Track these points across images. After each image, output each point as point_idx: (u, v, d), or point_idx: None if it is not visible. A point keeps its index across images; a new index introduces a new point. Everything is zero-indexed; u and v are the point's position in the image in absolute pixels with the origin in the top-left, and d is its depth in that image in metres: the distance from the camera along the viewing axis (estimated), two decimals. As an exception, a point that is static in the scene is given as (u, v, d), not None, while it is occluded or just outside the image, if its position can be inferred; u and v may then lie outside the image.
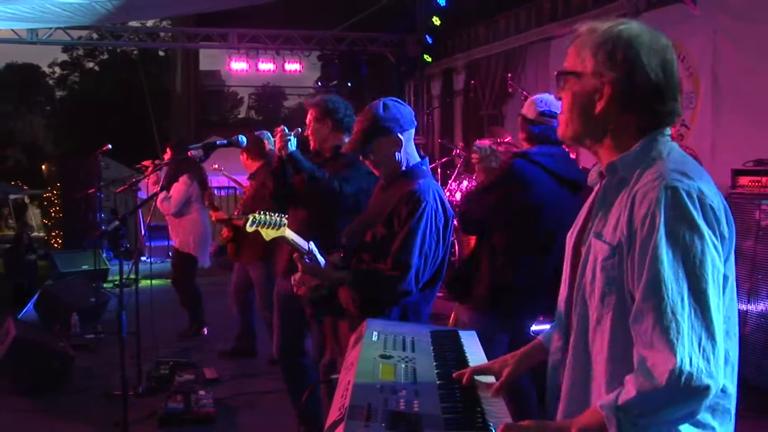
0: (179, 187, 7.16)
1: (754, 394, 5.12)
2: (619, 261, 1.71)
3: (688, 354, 1.53)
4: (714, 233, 1.62)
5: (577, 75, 1.81)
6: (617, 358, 1.71)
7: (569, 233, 1.98)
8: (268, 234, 3.00)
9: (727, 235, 1.67)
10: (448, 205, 3.16)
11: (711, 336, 1.56)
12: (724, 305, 1.69)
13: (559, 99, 1.90)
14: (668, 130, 1.81)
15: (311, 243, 3.12)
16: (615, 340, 1.72)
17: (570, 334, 1.89)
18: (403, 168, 3.19)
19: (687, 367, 1.52)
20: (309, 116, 4.35)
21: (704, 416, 1.69)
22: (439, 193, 3.14)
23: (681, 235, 1.59)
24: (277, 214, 3.02)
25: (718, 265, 1.62)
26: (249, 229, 2.99)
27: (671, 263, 1.58)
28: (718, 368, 1.55)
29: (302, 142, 4.32)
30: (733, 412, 1.75)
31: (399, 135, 3.15)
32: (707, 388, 1.53)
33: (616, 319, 1.72)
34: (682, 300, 1.57)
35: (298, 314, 4.29)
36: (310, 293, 3.25)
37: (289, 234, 3.05)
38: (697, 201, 1.62)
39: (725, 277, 1.68)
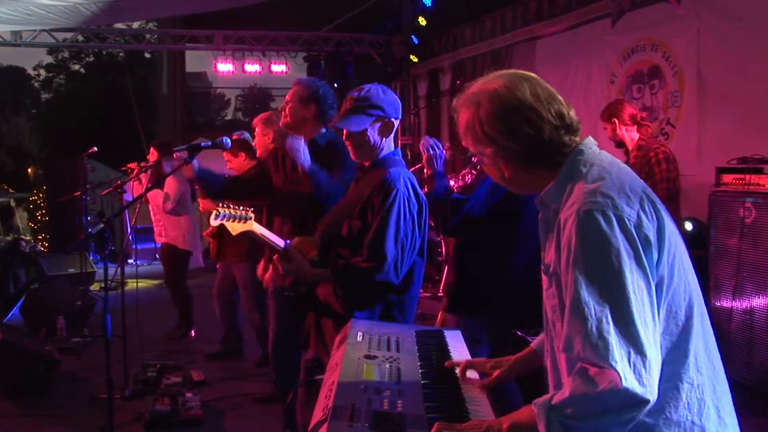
0: (174, 184, 7.14)
1: (741, 392, 5.15)
2: (557, 289, 1.75)
3: (621, 370, 1.55)
4: (632, 245, 1.64)
5: (477, 154, 1.92)
6: None
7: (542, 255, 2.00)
8: (234, 228, 2.96)
9: (653, 238, 1.69)
10: (420, 192, 3.13)
11: (639, 350, 1.58)
12: (666, 303, 1.71)
13: None
14: (587, 144, 1.85)
15: (288, 242, 3.09)
16: None
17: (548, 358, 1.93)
18: (380, 156, 3.16)
19: (623, 383, 1.54)
20: (292, 92, 4.12)
21: (681, 414, 1.71)
22: (410, 179, 3.10)
23: (596, 256, 1.63)
24: (241, 208, 2.97)
25: (638, 278, 1.63)
26: (213, 222, 2.96)
27: (591, 285, 1.62)
28: (650, 380, 1.58)
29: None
30: (708, 399, 1.75)
31: (394, 120, 3.14)
32: (643, 402, 1.56)
33: None
34: (606, 319, 1.59)
35: (295, 308, 4.24)
36: (290, 290, 3.22)
37: (258, 228, 3.01)
38: (612, 216, 1.65)
39: (661, 279, 1.69)
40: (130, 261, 11.41)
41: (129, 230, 8.27)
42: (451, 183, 7.24)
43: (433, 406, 1.90)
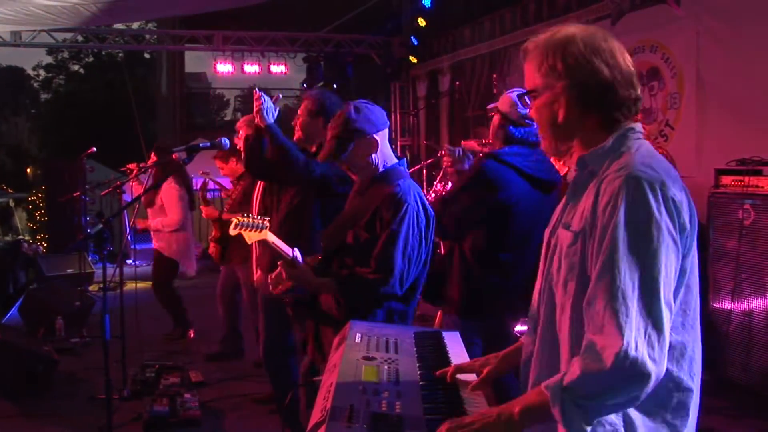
0: (172, 195, 7.12)
1: (739, 392, 5.16)
2: (581, 247, 1.75)
3: (634, 339, 1.57)
4: (673, 225, 1.66)
5: (534, 92, 1.89)
6: (577, 344, 1.73)
7: (546, 230, 2.00)
8: (250, 237, 3.03)
9: (688, 228, 1.71)
10: (428, 206, 3.17)
11: (657, 324, 1.60)
12: (680, 298, 1.73)
13: (531, 118, 1.96)
14: (639, 127, 1.85)
15: (296, 250, 3.12)
16: (574, 326, 1.75)
17: (538, 325, 1.93)
18: (381, 170, 3.17)
19: (632, 352, 1.56)
20: (302, 107, 4.27)
21: (658, 410, 1.73)
22: (419, 193, 3.14)
23: (639, 223, 1.64)
24: (259, 217, 3.04)
25: (672, 257, 1.66)
26: (233, 231, 3.02)
27: (627, 249, 1.63)
28: (662, 356, 1.60)
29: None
30: (691, 407, 1.78)
31: (374, 136, 3.13)
32: (650, 374, 1.57)
33: (575, 304, 1.75)
34: (633, 285, 1.61)
35: (283, 313, 4.28)
36: (289, 296, 3.25)
37: (270, 237, 3.06)
38: (659, 192, 1.66)
39: (683, 271, 1.72)
40: (129, 261, 11.41)
41: (128, 231, 8.26)
42: (449, 185, 7.28)
43: (432, 407, 1.90)
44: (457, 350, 2.44)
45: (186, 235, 7.36)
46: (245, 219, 3.01)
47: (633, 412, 1.70)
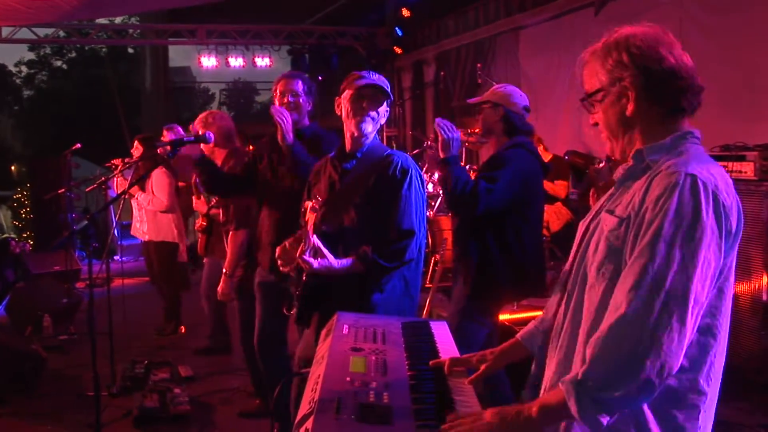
0: (162, 181, 7.09)
1: (726, 376, 5.18)
2: (624, 232, 1.75)
3: (653, 326, 1.58)
4: (720, 228, 1.67)
5: (601, 91, 1.88)
6: (597, 326, 1.74)
7: (582, 219, 2.00)
8: (309, 218, 3.10)
9: (733, 234, 1.71)
10: (419, 170, 3.24)
11: (681, 319, 1.60)
12: (711, 302, 1.73)
13: (594, 125, 1.95)
14: (697, 133, 1.87)
15: (315, 237, 3.07)
16: (601, 309, 1.75)
17: (569, 307, 1.91)
18: (367, 143, 3.23)
19: (647, 342, 1.57)
20: (295, 86, 4.21)
21: (670, 410, 1.72)
22: (412, 159, 3.24)
23: (686, 219, 1.64)
24: (313, 200, 3.14)
25: (712, 260, 1.66)
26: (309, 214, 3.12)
27: (668, 241, 1.63)
28: (678, 350, 1.59)
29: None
30: (702, 411, 1.77)
31: (386, 107, 3.24)
32: (662, 366, 1.57)
33: (608, 289, 1.75)
34: (665, 276, 1.61)
35: (279, 304, 4.26)
36: (299, 288, 3.23)
37: (311, 221, 3.10)
38: (711, 194, 1.67)
39: (720, 273, 1.72)
40: (116, 257, 11.36)
41: (114, 226, 8.21)
42: (436, 175, 7.26)
43: (420, 397, 1.91)
44: (444, 340, 2.45)
45: (180, 217, 7.34)
46: (313, 203, 3.10)
47: (645, 409, 1.70)
